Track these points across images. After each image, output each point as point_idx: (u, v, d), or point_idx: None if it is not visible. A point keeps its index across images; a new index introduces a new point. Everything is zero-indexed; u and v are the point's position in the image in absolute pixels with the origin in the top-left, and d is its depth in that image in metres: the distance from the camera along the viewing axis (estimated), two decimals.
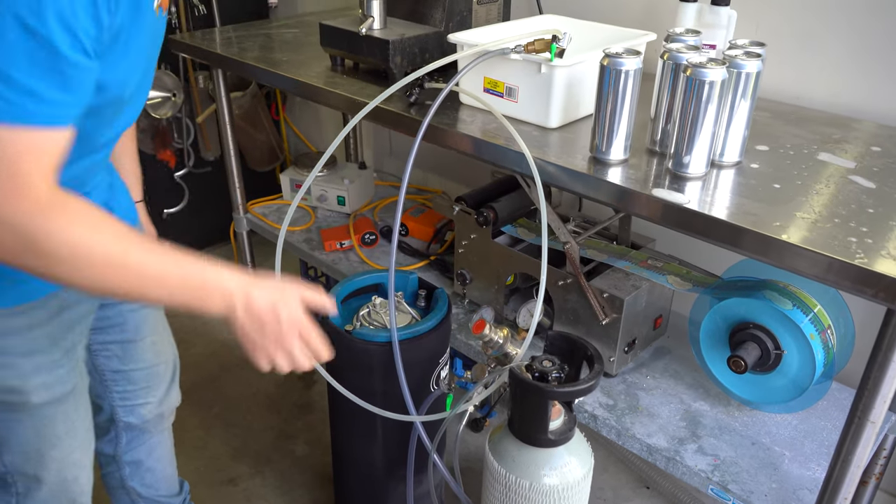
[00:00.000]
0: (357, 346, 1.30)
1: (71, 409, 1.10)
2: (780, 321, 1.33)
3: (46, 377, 1.03)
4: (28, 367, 1.00)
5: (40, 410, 1.05)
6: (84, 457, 1.17)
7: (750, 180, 1.17)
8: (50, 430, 1.07)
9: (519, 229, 1.73)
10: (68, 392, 1.08)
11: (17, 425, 1.05)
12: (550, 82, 1.32)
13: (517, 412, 1.07)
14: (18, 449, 1.07)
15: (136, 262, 0.83)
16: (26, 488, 1.12)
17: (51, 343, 1.02)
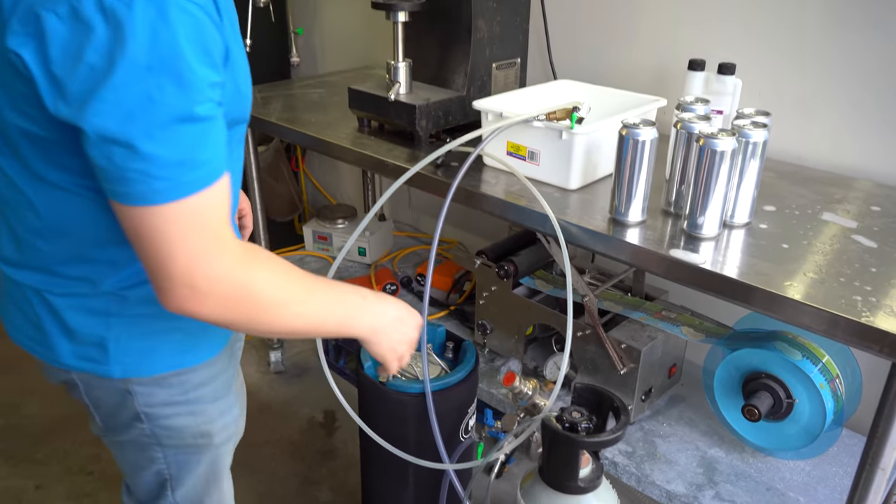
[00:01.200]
0: (391, 397, 1.37)
1: (233, 448, 1.20)
2: (790, 371, 1.40)
3: (227, 419, 1.12)
4: (215, 412, 1.09)
5: (217, 450, 1.14)
6: (231, 495, 1.27)
7: (760, 240, 1.26)
8: (219, 467, 1.17)
9: (537, 281, 1.81)
10: (234, 433, 1.17)
11: (196, 466, 1.13)
12: (571, 148, 1.41)
13: (548, 460, 1.14)
14: (190, 487, 1.15)
15: (316, 302, 0.95)
16: None
17: (227, 387, 1.12)
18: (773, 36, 1.63)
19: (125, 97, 0.74)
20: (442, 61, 1.79)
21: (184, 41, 0.75)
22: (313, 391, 2.44)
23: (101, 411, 1.07)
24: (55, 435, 2.23)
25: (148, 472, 1.13)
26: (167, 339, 1.00)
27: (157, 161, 0.76)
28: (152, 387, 1.02)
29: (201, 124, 0.79)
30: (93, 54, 0.73)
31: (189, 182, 0.79)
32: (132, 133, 0.75)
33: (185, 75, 0.76)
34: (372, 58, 2.53)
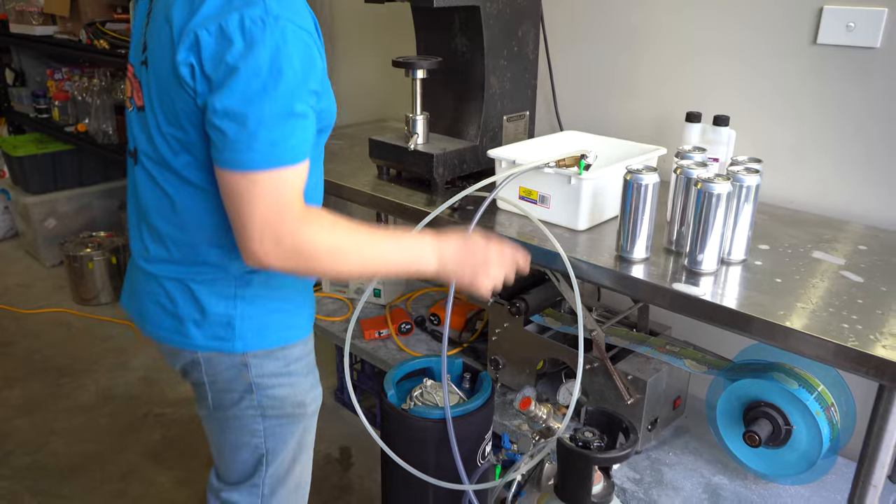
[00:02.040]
0: (413, 424, 1.46)
1: (314, 424, 1.37)
2: (788, 400, 1.49)
3: (316, 391, 1.33)
4: (307, 384, 1.30)
5: (308, 420, 1.33)
6: (310, 470, 1.42)
7: (755, 275, 1.37)
8: (307, 437, 1.35)
9: (546, 318, 1.92)
10: (319, 406, 1.36)
11: (289, 437, 1.31)
12: (579, 192, 1.53)
13: (563, 478, 1.23)
14: (281, 457, 1.32)
15: (373, 248, 1.13)
16: (271, 490, 1.34)
17: (313, 365, 1.33)
18: (764, 89, 1.77)
19: (248, 87, 0.99)
20: (457, 114, 1.93)
21: (295, 57, 1.01)
22: (329, 429, 2.52)
23: (216, 387, 1.25)
24: (80, 472, 2.29)
25: (246, 450, 1.30)
26: (276, 318, 1.23)
27: (258, 137, 1.00)
28: (264, 359, 1.23)
29: (297, 119, 1.04)
30: (230, 58, 0.99)
31: (276, 158, 1.02)
32: (247, 112, 1.00)
33: (292, 80, 1.01)
34: (386, 111, 2.68)
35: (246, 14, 0.99)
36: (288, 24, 1.01)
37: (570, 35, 2.10)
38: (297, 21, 1.03)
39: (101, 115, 3.57)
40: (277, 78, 1.00)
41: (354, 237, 1.12)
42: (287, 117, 1.02)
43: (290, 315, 1.26)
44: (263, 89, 1.00)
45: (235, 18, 0.99)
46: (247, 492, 1.34)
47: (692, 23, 1.85)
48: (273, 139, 1.02)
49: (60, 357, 2.99)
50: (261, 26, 0.99)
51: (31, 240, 3.95)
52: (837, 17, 1.59)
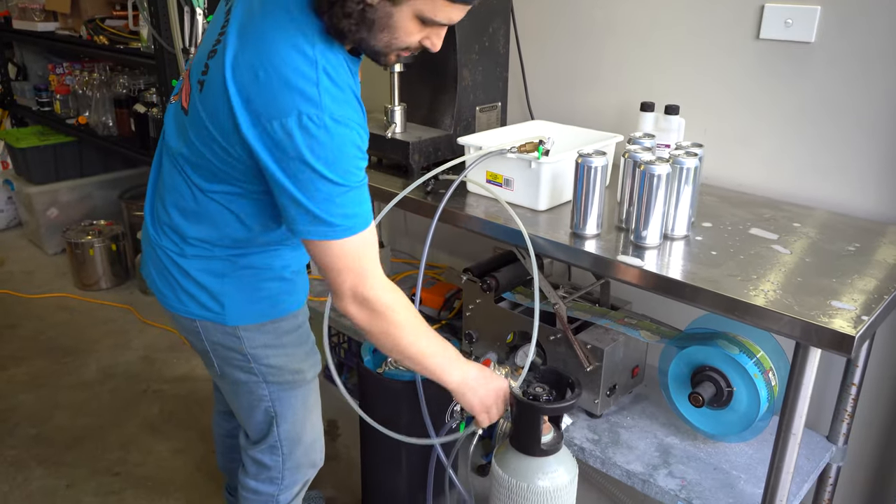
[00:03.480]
0: (387, 385, 1.61)
1: (317, 385, 1.55)
2: (729, 364, 1.64)
3: (313, 359, 1.49)
4: (302, 353, 1.46)
5: (309, 385, 1.49)
6: (321, 424, 1.60)
7: (694, 249, 1.51)
8: (311, 400, 1.52)
9: (517, 295, 2.06)
10: (318, 371, 1.52)
11: (293, 400, 1.48)
12: (539, 175, 1.67)
13: (516, 428, 1.37)
14: (290, 419, 1.50)
15: (425, 343, 1.30)
16: (290, 449, 1.53)
17: (308, 336, 1.49)
18: (713, 80, 1.91)
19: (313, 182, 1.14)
20: (432, 105, 2.08)
21: (350, 146, 1.14)
22: None
23: (217, 353, 1.41)
24: (83, 442, 2.45)
25: (258, 412, 1.48)
26: (263, 296, 1.39)
27: (330, 213, 1.16)
28: (254, 332, 1.39)
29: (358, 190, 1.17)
30: (293, 151, 1.10)
31: (352, 227, 1.17)
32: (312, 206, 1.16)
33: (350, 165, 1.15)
34: (369, 103, 2.81)
35: (304, 112, 1.07)
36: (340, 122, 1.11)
37: (540, 30, 2.24)
38: (349, 117, 1.13)
39: (100, 108, 3.71)
40: (337, 168, 1.12)
41: (422, 326, 1.28)
42: (349, 192, 1.15)
43: (278, 294, 1.40)
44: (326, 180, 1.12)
45: (294, 118, 1.07)
46: (268, 450, 1.53)
47: (648, 19, 1.99)
48: (343, 213, 1.15)
49: (64, 338, 3.14)
50: (317, 124, 1.08)
51: (35, 229, 4.10)
52: (777, 14, 1.73)
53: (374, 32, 1.11)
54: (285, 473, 1.56)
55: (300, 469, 1.58)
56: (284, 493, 1.59)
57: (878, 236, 1.59)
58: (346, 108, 1.12)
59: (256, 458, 1.55)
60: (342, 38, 1.12)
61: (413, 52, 1.22)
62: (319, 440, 1.60)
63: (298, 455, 1.55)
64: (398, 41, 1.15)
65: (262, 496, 1.59)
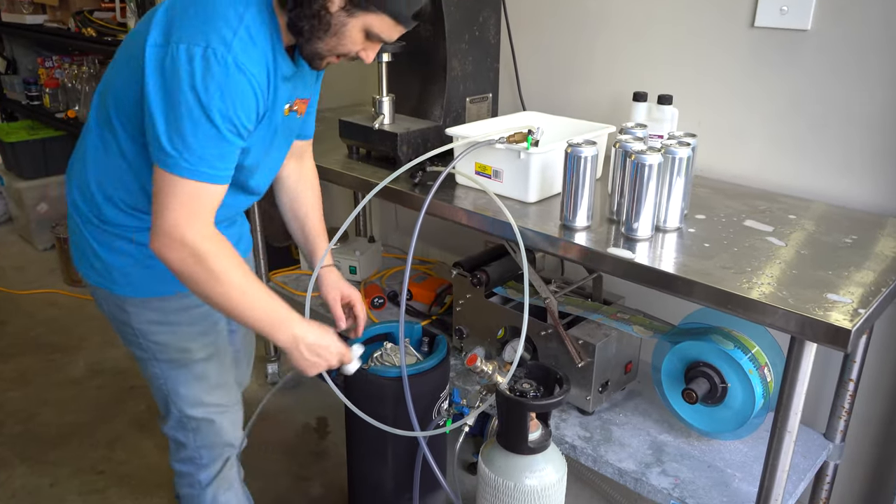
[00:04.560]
0: (372, 381, 1.57)
1: (219, 365, 1.51)
2: (723, 359, 1.60)
3: (204, 339, 1.46)
4: (192, 332, 1.44)
5: (200, 365, 1.46)
6: (231, 404, 1.57)
7: (686, 241, 1.47)
8: (206, 381, 1.48)
9: (508, 290, 2.02)
10: (217, 351, 1.50)
11: (185, 377, 1.46)
12: (528, 166, 1.63)
13: (503, 425, 1.33)
14: (186, 398, 1.48)
15: (252, 295, 1.24)
16: (196, 427, 1.52)
17: (203, 317, 1.45)
18: (707, 70, 1.86)
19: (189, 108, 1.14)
20: (421, 96, 2.03)
21: (240, 95, 1.15)
22: (307, 400, 2.63)
23: (115, 325, 1.46)
24: (69, 440, 2.41)
25: (156, 388, 1.49)
26: (150, 273, 1.36)
27: (191, 151, 1.16)
28: (141, 308, 1.39)
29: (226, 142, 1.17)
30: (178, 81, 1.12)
31: (200, 173, 1.16)
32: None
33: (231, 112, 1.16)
34: (361, 96, 2.77)
35: (211, 46, 1.11)
36: (241, 69, 1.14)
37: (533, 20, 2.20)
38: (252, 72, 1.16)
39: (90, 102, 3.66)
40: (217, 107, 1.13)
41: (244, 271, 1.23)
42: (211, 131, 1.15)
43: (163, 273, 1.29)
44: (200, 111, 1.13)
45: (200, 48, 1.11)
46: (178, 427, 1.53)
47: (642, 9, 1.94)
48: (201, 156, 1.15)
49: (52, 334, 3.09)
50: (220, 61, 1.12)
51: (24, 224, 4.05)
52: (772, 1, 1.69)
53: (326, 36, 1.23)
54: (201, 452, 1.56)
55: (214, 447, 1.57)
56: (203, 472, 1.59)
57: (876, 228, 1.55)
58: (252, 64, 1.16)
59: (171, 436, 1.56)
60: (298, 34, 1.22)
61: (344, 59, 1.31)
62: (230, 419, 1.57)
63: (209, 434, 1.54)
64: (341, 48, 1.26)
65: (185, 477, 1.60)
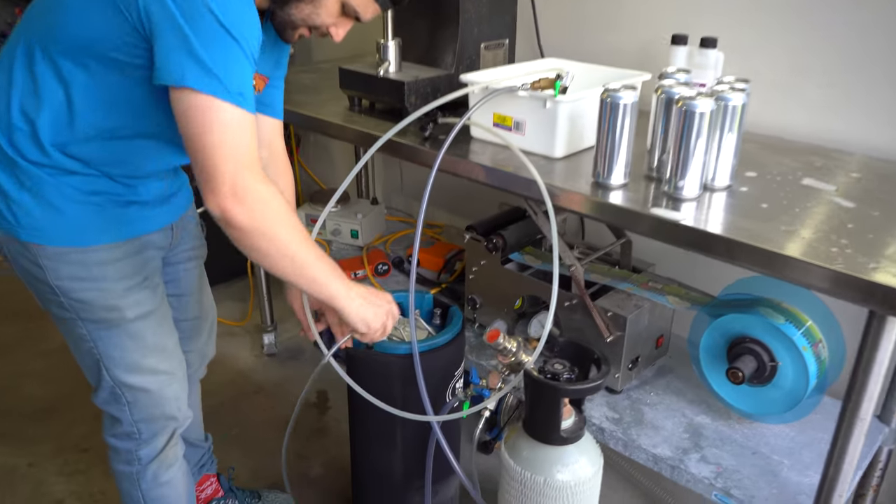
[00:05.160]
0: (378, 359, 1.39)
1: (156, 326, 1.34)
2: (774, 335, 1.42)
3: (136, 296, 1.28)
4: (120, 288, 1.26)
5: (133, 324, 1.29)
6: (174, 369, 1.40)
7: (740, 201, 1.28)
8: (142, 342, 1.32)
9: (526, 256, 1.83)
10: (152, 310, 1.32)
11: (117, 339, 1.29)
12: (555, 116, 1.43)
13: (531, 412, 1.16)
14: (121, 362, 1.31)
15: (313, 251, 1.15)
16: (133, 398, 1.35)
17: (135, 271, 1.28)
18: (754, 10, 1.65)
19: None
20: (431, 42, 1.82)
21: (250, 13, 1.05)
22: (306, 372, 2.46)
23: (30, 283, 1.27)
24: (50, 414, 2.24)
25: (84, 353, 1.32)
26: (65, 218, 1.18)
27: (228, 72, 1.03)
28: (56, 262, 1.21)
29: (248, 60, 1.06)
30: None
31: (242, 97, 1.03)
32: None
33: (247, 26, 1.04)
34: (363, 45, 2.55)
35: None
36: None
37: None
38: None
39: None
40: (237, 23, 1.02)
41: (305, 233, 1.14)
42: (243, 58, 1.04)
43: (87, 218, 1.20)
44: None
45: None
46: (111, 400, 1.36)
47: None
48: (237, 78, 1.03)
49: (31, 301, 2.91)
50: None
51: None
52: None
53: (302, 2, 1.18)
54: (140, 427, 1.39)
55: (155, 421, 1.40)
56: (144, 447, 1.42)
57: None
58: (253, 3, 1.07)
59: (104, 410, 1.40)
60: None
61: (314, 33, 1.25)
62: (172, 389, 1.40)
63: (147, 405, 1.37)
64: (315, 18, 1.20)
65: (121, 454, 1.43)
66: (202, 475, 1.77)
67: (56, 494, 1.97)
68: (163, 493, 1.46)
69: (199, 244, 1.54)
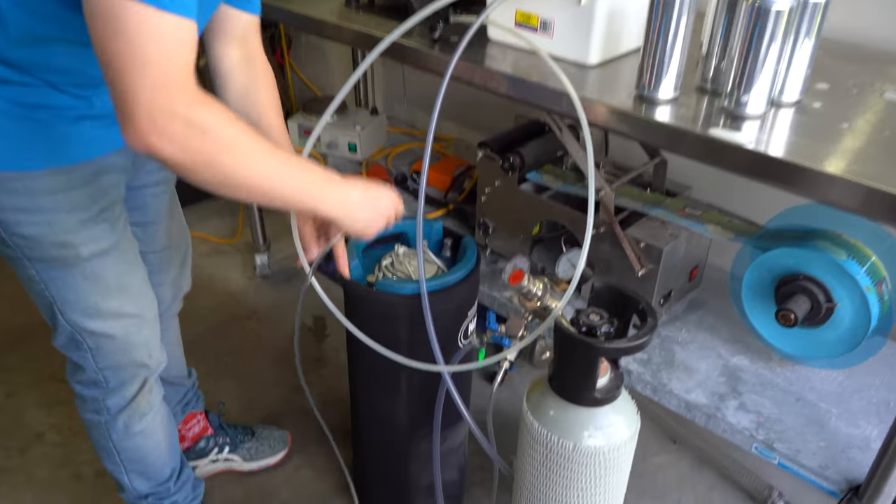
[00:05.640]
0: (380, 300, 1.22)
1: (117, 263, 1.15)
2: (833, 273, 1.25)
3: (92, 231, 1.09)
4: (73, 221, 1.07)
5: (90, 263, 1.11)
6: (142, 311, 1.23)
7: (813, 119, 1.08)
8: (102, 282, 1.14)
9: (545, 176, 1.64)
10: (112, 245, 1.13)
11: (72, 281, 1.12)
12: (591, 14, 1.20)
13: (561, 369, 1.00)
14: (77, 305, 1.14)
15: (279, 163, 0.92)
16: (96, 344, 1.19)
17: (90, 201, 1.08)
18: None
19: None
20: None
21: None
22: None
23: None
24: (25, 342, 2.09)
25: (36, 295, 1.15)
26: (4, 138, 0.98)
27: None
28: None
29: None
30: None
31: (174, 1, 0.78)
32: None
33: None
34: None
35: None
36: None
37: None
38: None
39: None
40: None
41: (264, 145, 0.91)
42: None
43: (31, 137, 1.00)
44: None
45: None
46: (71, 345, 1.20)
47: None
48: None
49: None
50: None
51: None
52: None
53: None
54: (106, 375, 1.24)
55: (122, 369, 1.24)
56: (112, 396, 1.27)
57: None
58: None
59: (66, 355, 1.25)
60: None
61: None
62: (141, 334, 1.23)
63: (112, 352, 1.21)
64: None
65: (88, 402, 1.29)
66: (187, 414, 1.63)
67: (36, 427, 1.84)
68: (137, 443, 1.32)
69: None
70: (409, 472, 1.45)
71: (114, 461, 1.35)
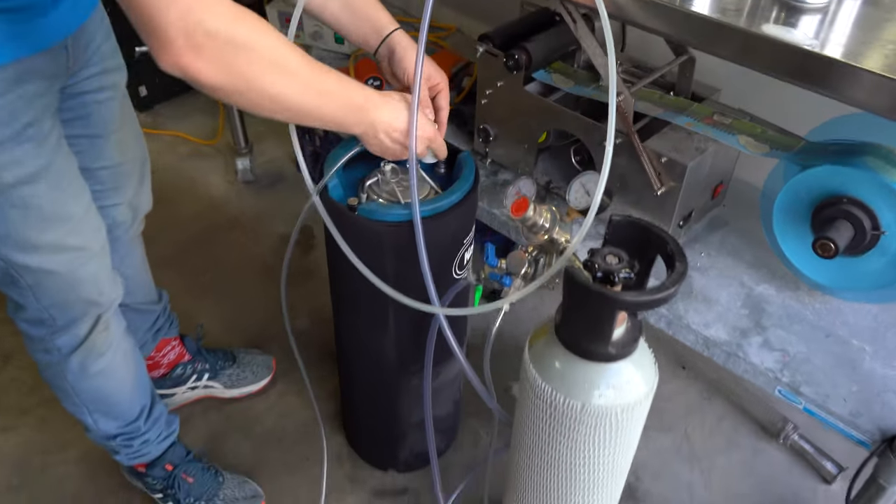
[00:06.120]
0: (364, 226, 1.06)
1: (51, 189, 1.00)
2: (884, 196, 1.08)
3: (14, 152, 0.94)
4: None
5: (17, 190, 0.97)
6: (87, 243, 1.09)
7: (880, 13, 0.88)
8: (34, 212, 1.00)
9: (554, 75, 1.44)
10: (42, 168, 0.98)
11: (4, 210, 0.98)
12: None
13: (570, 319, 0.85)
14: (7, 239, 1.00)
15: (320, 77, 0.89)
16: (35, 281, 1.06)
17: (11, 117, 0.93)
18: None
19: None
20: None
21: None
22: (288, 204, 2.15)
23: None
24: None
25: None
26: None
27: None
28: None
29: None
30: None
31: None
32: None
33: None
34: None
35: None
36: None
37: None
38: None
39: None
40: None
41: (304, 58, 0.86)
42: None
43: None
44: None
45: None
46: (8, 282, 1.07)
47: None
48: None
49: None
50: None
51: None
52: None
53: None
54: (52, 313, 1.11)
55: (70, 307, 1.12)
56: (61, 335, 1.15)
57: None
58: None
59: (8, 299, 1.12)
60: None
61: None
62: (88, 268, 1.10)
63: (56, 289, 1.08)
64: None
65: (35, 341, 1.17)
66: (159, 340, 1.51)
67: (3, 349, 1.73)
68: (97, 384, 1.20)
69: (114, 65, 1.14)
70: (399, 408, 1.35)
71: (73, 402, 1.23)
